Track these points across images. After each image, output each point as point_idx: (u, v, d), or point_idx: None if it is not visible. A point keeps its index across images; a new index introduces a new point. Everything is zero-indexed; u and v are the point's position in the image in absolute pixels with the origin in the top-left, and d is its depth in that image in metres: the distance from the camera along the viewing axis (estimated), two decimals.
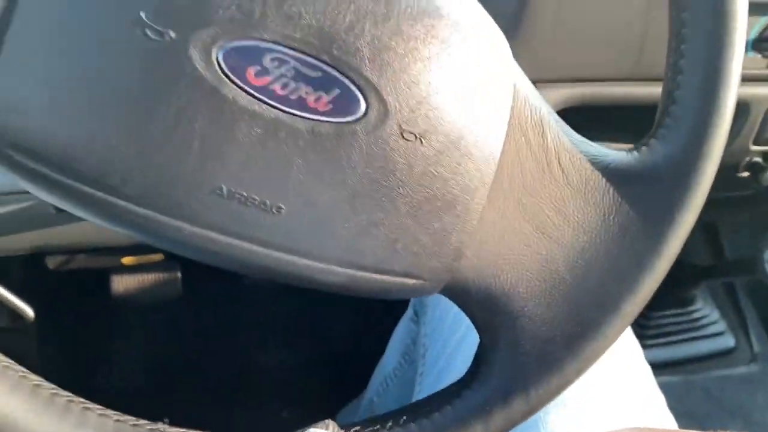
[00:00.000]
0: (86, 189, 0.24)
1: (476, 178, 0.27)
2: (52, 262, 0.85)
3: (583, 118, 0.59)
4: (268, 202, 0.25)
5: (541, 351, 0.30)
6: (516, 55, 0.59)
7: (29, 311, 0.86)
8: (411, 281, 0.28)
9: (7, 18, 0.23)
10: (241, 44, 0.23)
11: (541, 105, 0.29)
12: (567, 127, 0.30)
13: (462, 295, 0.30)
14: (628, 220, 0.30)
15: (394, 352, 0.65)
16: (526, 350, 0.30)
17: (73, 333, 1.01)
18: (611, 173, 0.30)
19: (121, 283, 0.97)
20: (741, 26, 0.29)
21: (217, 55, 0.23)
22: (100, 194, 0.24)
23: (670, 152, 0.30)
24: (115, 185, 0.24)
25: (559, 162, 0.29)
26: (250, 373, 1.03)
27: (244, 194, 0.24)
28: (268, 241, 0.25)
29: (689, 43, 0.30)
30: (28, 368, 0.27)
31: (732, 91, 0.30)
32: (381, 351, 0.72)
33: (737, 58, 0.29)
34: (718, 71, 0.29)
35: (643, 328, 1.09)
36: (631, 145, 0.32)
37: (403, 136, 0.25)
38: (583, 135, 0.32)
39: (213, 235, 0.25)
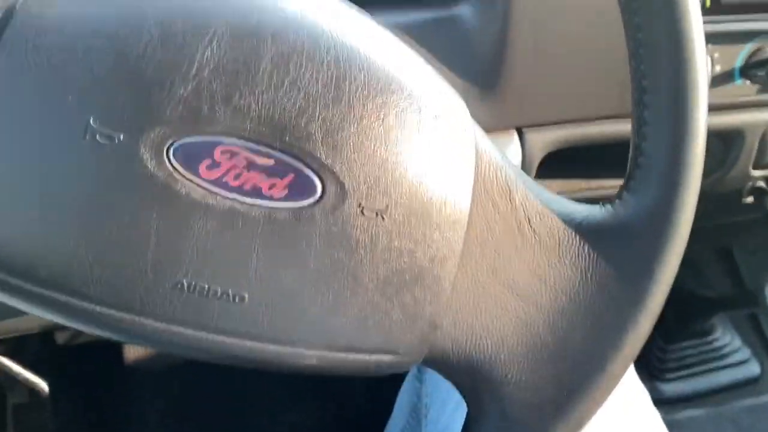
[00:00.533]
0: (48, 293, 0.24)
1: (444, 247, 0.27)
2: (61, 337, 0.86)
3: (572, 158, 0.59)
4: (230, 292, 0.25)
5: (528, 418, 0.29)
6: (500, 103, 0.59)
7: (44, 386, 0.86)
8: (387, 357, 0.27)
9: None
10: (191, 140, 0.24)
11: (506, 165, 0.29)
12: (535, 185, 0.30)
13: (443, 365, 0.29)
14: (607, 277, 0.29)
15: (402, 411, 0.64)
16: (513, 418, 0.29)
17: (88, 403, 1.01)
18: (585, 230, 0.29)
19: (133, 350, 0.97)
20: (701, 71, 0.29)
21: (167, 153, 0.23)
22: (63, 297, 0.24)
23: (643, 205, 0.29)
24: (76, 287, 0.24)
25: (529, 223, 0.29)
26: None
27: (206, 287, 0.24)
28: (235, 330, 0.25)
29: (651, 94, 0.29)
30: None
31: (700, 138, 0.29)
32: (391, 409, 0.70)
33: (702, 104, 0.29)
34: (683, 119, 0.29)
35: (662, 362, 1.07)
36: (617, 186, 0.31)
37: (363, 214, 0.25)
38: (575, 175, 0.32)
39: (179, 329, 0.25)
